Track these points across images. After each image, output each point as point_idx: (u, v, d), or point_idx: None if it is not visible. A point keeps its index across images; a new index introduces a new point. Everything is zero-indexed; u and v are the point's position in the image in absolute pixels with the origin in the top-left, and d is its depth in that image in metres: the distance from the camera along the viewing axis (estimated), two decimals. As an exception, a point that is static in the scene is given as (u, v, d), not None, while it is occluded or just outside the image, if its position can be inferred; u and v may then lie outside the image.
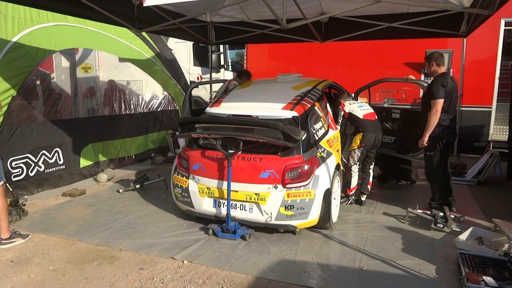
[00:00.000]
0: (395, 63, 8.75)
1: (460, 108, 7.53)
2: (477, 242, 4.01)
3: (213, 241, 4.16)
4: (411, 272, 3.53)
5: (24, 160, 5.61)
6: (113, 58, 7.91)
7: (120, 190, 5.94)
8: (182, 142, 7.94)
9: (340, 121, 5.40)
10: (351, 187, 5.30)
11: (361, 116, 5.23)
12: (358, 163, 5.26)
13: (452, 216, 4.56)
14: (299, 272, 3.54)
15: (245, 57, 10.61)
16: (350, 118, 5.31)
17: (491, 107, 8.35)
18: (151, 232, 4.43)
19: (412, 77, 5.72)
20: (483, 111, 8.39)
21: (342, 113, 5.36)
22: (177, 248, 3.99)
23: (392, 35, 6.74)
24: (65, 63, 7.51)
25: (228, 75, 11.35)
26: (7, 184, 4.50)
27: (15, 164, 5.46)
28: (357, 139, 5.23)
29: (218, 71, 11.10)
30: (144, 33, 7.73)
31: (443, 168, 4.83)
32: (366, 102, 5.78)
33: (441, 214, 4.51)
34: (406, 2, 5.37)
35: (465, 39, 6.71)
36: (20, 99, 5.56)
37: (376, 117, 5.39)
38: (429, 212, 4.61)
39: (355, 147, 5.23)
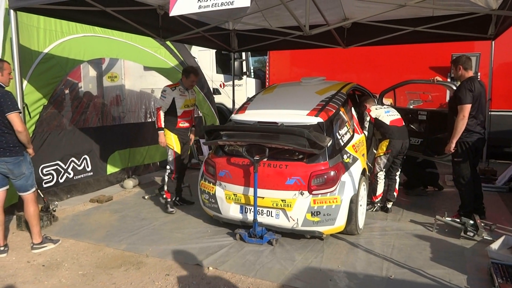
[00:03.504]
0: (420, 67, 8.59)
1: (489, 113, 7.33)
2: (510, 251, 3.87)
3: (238, 247, 4.18)
4: (441, 282, 3.43)
5: (55, 167, 5.79)
6: (138, 67, 8.09)
7: (146, 197, 6.05)
8: (205, 149, 8.03)
9: (366, 126, 5.31)
10: (377, 194, 5.21)
11: (388, 122, 5.13)
12: (384, 169, 5.18)
13: (483, 224, 4.42)
14: (325, 280, 3.50)
15: (267, 64, 10.65)
16: (377, 123, 5.22)
17: (521, 111, 8.09)
18: (176, 238, 4.49)
19: (439, 78, 5.61)
20: (513, 116, 8.14)
21: (369, 118, 5.28)
22: (202, 254, 4.02)
23: (417, 39, 6.62)
24: (92, 72, 7.74)
25: (250, 82, 11.41)
26: (39, 191, 4.65)
27: (46, 171, 5.64)
28: (383, 146, 5.14)
29: (240, 78, 11.17)
30: (168, 42, 7.88)
31: (472, 175, 4.70)
32: (391, 104, 5.64)
33: (471, 222, 4.37)
34: (431, 5, 5.28)
35: (493, 42, 6.54)
36: (51, 108, 5.75)
37: (403, 123, 5.28)
38: (458, 220, 4.48)
39: (381, 154, 5.15)
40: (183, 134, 5.47)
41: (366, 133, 5.29)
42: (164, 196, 5.47)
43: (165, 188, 5.42)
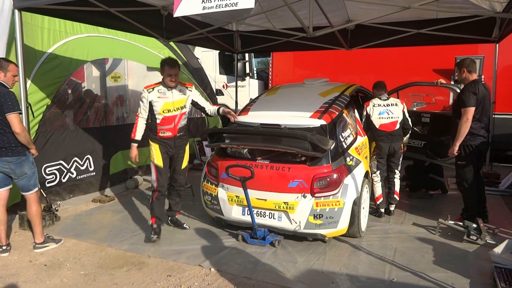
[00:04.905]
0: (423, 70, 8.57)
1: (493, 116, 7.30)
2: (514, 255, 3.85)
3: (240, 248, 4.17)
4: (444, 286, 3.42)
5: (58, 167, 5.80)
6: (142, 67, 8.10)
7: (148, 197, 6.04)
8: (208, 149, 8.03)
9: (364, 119, 5.20)
10: (376, 197, 5.15)
11: (377, 125, 5.02)
12: (377, 171, 5.11)
13: (486, 228, 4.40)
14: (327, 283, 3.49)
15: (270, 65, 10.66)
16: (367, 121, 5.13)
17: (525, 114, 8.05)
18: (178, 239, 4.49)
19: (442, 81, 5.58)
20: (517, 119, 8.10)
21: (365, 112, 5.15)
22: (204, 255, 4.02)
23: (421, 41, 6.61)
24: (95, 72, 7.75)
25: (253, 83, 11.41)
26: (41, 190, 4.66)
27: (49, 171, 5.65)
28: (371, 148, 5.13)
29: (243, 79, 11.18)
30: (171, 43, 7.88)
31: (475, 178, 4.68)
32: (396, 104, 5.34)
33: (474, 225, 4.35)
34: (435, 8, 5.27)
35: (497, 45, 6.53)
36: (54, 107, 5.76)
37: (396, 127, 5.01)
38: (461, 223, 4.46)
39: (371, 156, 5.13)
40: (166, 144, 4.42)
41: (362, 124, 5.22)
42: (150, 221, 4.56)
43: (150, 211, 4.54)
